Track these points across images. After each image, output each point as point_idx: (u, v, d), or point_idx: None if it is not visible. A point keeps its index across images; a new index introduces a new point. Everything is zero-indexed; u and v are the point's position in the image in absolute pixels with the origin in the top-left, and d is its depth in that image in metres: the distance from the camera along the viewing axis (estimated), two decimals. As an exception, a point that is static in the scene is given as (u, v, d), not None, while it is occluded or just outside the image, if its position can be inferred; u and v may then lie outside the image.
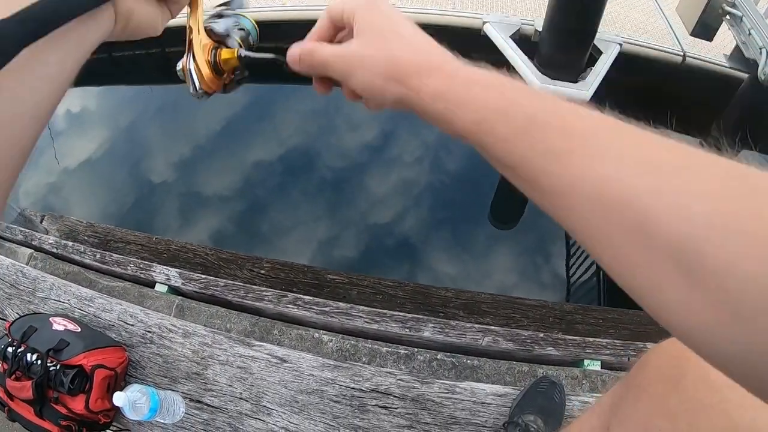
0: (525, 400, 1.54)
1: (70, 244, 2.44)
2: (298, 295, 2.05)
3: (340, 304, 1.99)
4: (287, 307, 2.02)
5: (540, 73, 3.57)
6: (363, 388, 1.63)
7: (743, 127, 4.08)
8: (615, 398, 0.83)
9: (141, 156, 4.98)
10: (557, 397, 1.54)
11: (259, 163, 4.68)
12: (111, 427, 1.70)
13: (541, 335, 1.90)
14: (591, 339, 1.89)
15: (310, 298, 2.03)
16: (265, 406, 1.65)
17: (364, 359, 1.84)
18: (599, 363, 1.86)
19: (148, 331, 1.83)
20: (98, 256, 2.35)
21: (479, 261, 3.97)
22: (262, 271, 2.55)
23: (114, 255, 2.35)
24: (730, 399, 0.63)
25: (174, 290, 2.22)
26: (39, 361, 1.52)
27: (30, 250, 2.42)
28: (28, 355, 1.54)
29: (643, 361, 0.78)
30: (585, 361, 1.87)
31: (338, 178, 4.48)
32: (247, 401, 1.66)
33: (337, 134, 4.82)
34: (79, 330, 1.69)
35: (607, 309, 2.29)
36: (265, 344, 1.74)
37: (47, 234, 2.70)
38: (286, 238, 4.25)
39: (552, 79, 3.48)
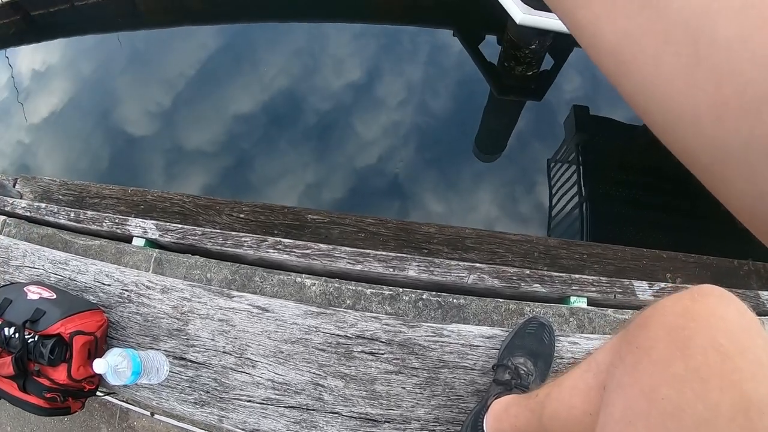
0: (514, 342, 1.44)
1: (44, 205, 2.27)
2: (279, 239, 1.92)
3: (322, 245, 1.86)
4: (268, 252, 1.89)
5: (522, 3, 3.34)
6: (348, 335, 1.53)
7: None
8: (613, 356, 0.72)
9: (114, 109, 4.65)
10: (546, 338, 1.45)
11: (239, 108, 4.41)
12: (98, 392, 1.61)
13: (527, 272, 1.80)
14: (577, 276, 1.80)
15: (291, 241, 1.90)
16: (249, 359, 1.55)
17: (348, 302, 1.73)
18: (585, 300, 1.77)
19: (126, 290, 1.71)
20: (72, 215, 2.20)
21: (463, 196, 3.86)
22: (242, 215, 2.41)
23: (89, 212, 2.20)
24: (743, 369, 0.55)
25: (152, 243, 2.08)
26: (17, 335, 1.41)
27: (2, 217, 2.25)
28: (6, 329, 1.43)
29: (643, 318, 0.67)
30: (571, 298, 1.78)
31: (322, 121, 4.26)
32: (231, 355, 1.56)
33: (320, 75, 4.55)
34: (55, 297, 1.57)
35: (591, 244, 2.19)
36: (245, 294, 1.63)
37: (21, 198, 2.52)
38: (271, 185, 4.08)
39: (535, 9, 3.26)
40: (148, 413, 1.79)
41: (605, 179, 3.71)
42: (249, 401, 1.52)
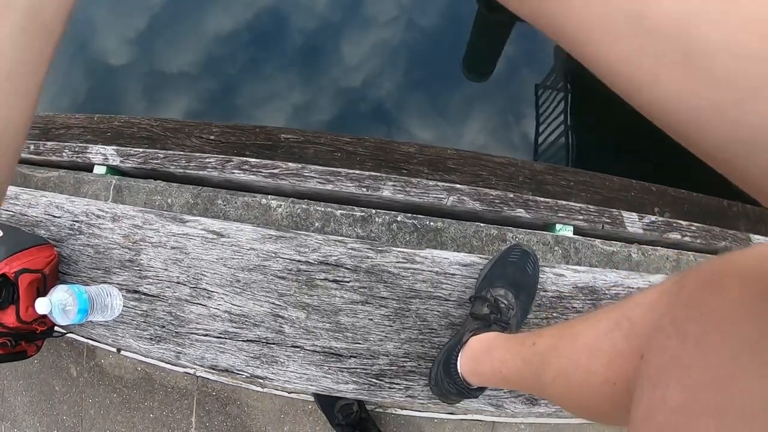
0: (494, 271, 1.23)
1: None
2: (245, 159, 1.67)
3: (291, 164, 1.63)
4: (233, 173, 1.66)
5: None
6: (310, 260, 1.31)
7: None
8: (660, 320, 0.50)
9: (86, 33, 4.22)
10: (530, 268, 1.23)
11: (220, 28, 4.03)
12: (54, 333, 1.43)
13: (511, 195, 1.59)
14: (563, 202, 1.60)
15: (258, 160, 1.66)
16: (204, 289, 1.35)
17: (316, 224, 1.51)
18: (572, 228, 1.57)
19: (76, 221, 1.49)
20: (32, 147, 1.96)
21: (449, 120, 3.60)
22: (212, 137, 2.14)
23: (49, 143, 1.94)
24: None
25: (114, 170, 1.85)
26: None
27: None
28: None
29: (710, 276, 0.46)
30: (557, 225, 1.57)
31: (306, 40, 3.90)
32: (185, 285, 1.36)
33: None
34: (1, 234, 1.35)
35: (578, 171, 1.96)
36: (199, 218, 1.41)
37: None
38: (254, 109, 3.77)
39: None
40: (115, 350, 1.65)
41: (593, 109, 3.47)
42: (206, 335, 1.33)
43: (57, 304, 1.21)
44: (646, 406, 0.46)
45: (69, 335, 1.56)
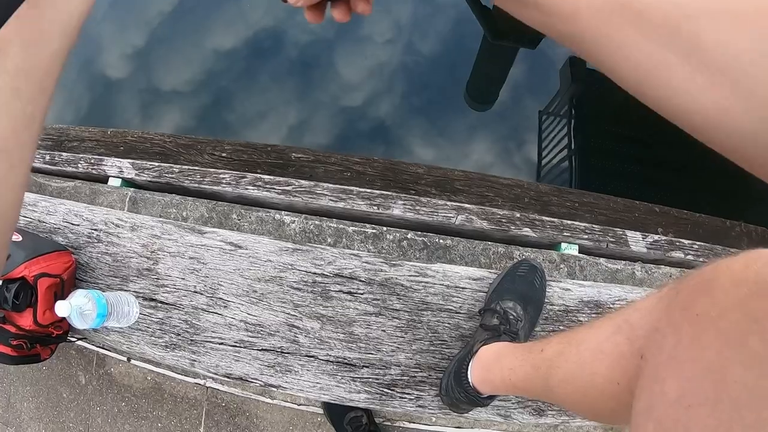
0: (503, 285, 1.31)
1: None
2: (258, 175, 1.75)
3: (303, 182, 1.71)
4: (247, 189, 1.74)
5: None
6: (326, 273, 1.38)
7: None
8: (658, 322, 0.57)
9: (92, 50, 4.33)
10: (538, 282, 1.31)
11: (221, 47, 4.13)
12: (70, 338, 1.49)
13: (518, 215, 1.67)
14: (569, 222, 1.67)
15: (271, 177, 1.75)
16: (221, 298, 1.41)
17: (329, 240, 1.59)
18: (577, 247, 1.64)
19: (95, 229, 1.55)
20: (48, 157, 2.04)
21: (451, 144, 3.69)
22: (224, 154, 2.23)
23: (64, 154, 2.03)
24: None
25: (128, 183, 1.92)
26: None
27: None
28: None
29: (704, 281, 0.52)
30: (562, 244, 1.65)
31: (306, 61, 4.01)
32: (202, 294, 1.42)
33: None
34: (21, 239, 1.42)
35: (583, 192, 2.04)
36: (217, 230, 1.48)
37: None
38: (252, 127, 3.85)
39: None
40: (125, 359, 1.70)
41: (598, 133, 3.56)
42: (221, 344, 1.39)
43: (76, 307, 1.27)
44: (646, 400, 0.52)
45: (79, 343, 1.61)
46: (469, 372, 1.13)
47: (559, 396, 0.82)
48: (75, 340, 1.53)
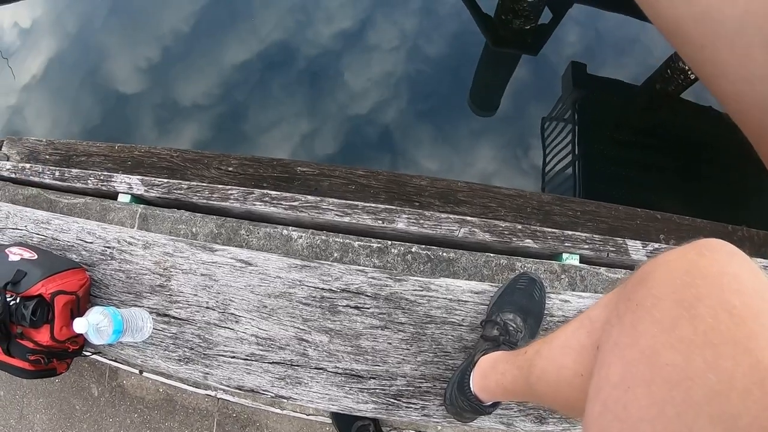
0: (503, 298, 1.37)
1: (28, 166, 2.17)
2: (266, 191, 1.82)
3: (309, 197, 1.78)
4: (254, 205, 1.80)
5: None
6: (333, 288, 1.45)
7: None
8: (609, 314, 0.64)
9: (103, 64, 4.39)
10: (537, 294, 1.37)
11: (231, 60, 4.22)
12: (84, 352, 1.55)
13: (519, 227, 1.73)
14: (570, 232, 1.73)
15: (278, 193, 1.81)
16: (232, 314, 1.48)
17: (335, 255, 1.66)
18: (578, 257, 1.71)
19: (108, 247, 1.63)
20: (57, 174, 2.10)
21: (455, 152, 3.75)
22: (230, 169, 2.31)
23: (74, 170, 2.10)
24: (758, 335, 0.46)
25: (137, 199, 1.99)
26: None
27: None
28: None
29: (644, 273, 0.58)
30: (563, 254, 1.71)
31: (314, 72, 4.08)
32: (214, 310, 1.49)
33: (312, 24, 4.34)
34: (36, 257, 1.49)
35: (585, 201, 2.11)
36: (228, 248, 1.55)
37: (8, 160, 2.40)
38: (261, 139, 3.93)
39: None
40: (137, 371, 1.75)
41: (600, 138, 3.61)
42: (233, 357, 1.46)
43: (93, 324, 1.33)
44: (595, 385, 0.58)
45: (92, 356, 1.68)
46: (471, 381, 1.19)
47: (538, 393, 0.88)
48: (90, 354, 1.60)
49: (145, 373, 1.74)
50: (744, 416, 0.43)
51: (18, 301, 1.35)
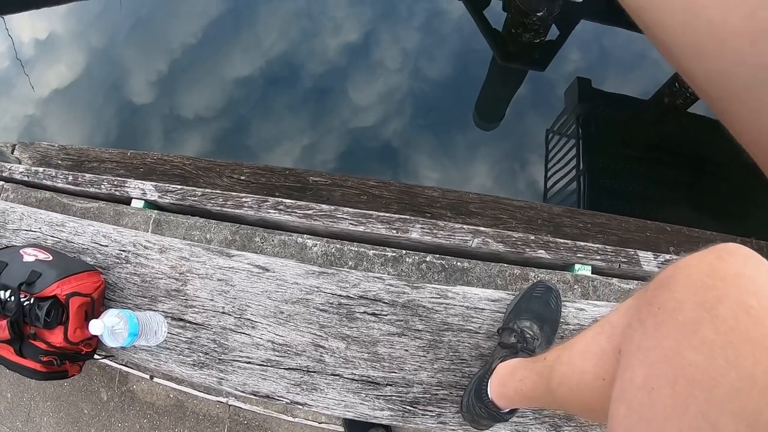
0: (520, 306, 1.40)
1: (41, 170, 2.19)
2: (280, 199, 1.85)
3: (324, 206, 1.80)
4: (269, 213, 1.83)
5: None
6: (350, 295, 1.47)
7: None
8: (630, 318, 0.66)
9: (117, 76, 4.47)
10: (553, 302, 1.40)
11: (240, 74, 4.28)
12: (96, 355, 1.56)
13: (532, 237, 1.76)
14: (582, 243, 1.76)
15: (292, 201, 1.84)
16: (249, 319, 1.50)
17: (350, 263, 1.68)
18: (590, 268, 1.73)
19: (123, 251, 1.64)
20: (71, 178, 2.13)
21: (459, 164, 3.79)
22: (243, 177, 2.33)
23: (87, 175, 2.12)
24: None
25: (151, 205, 2.01)
26: (12, 298, 1.35)
27: (0, 183, 2.16)
28: (1, 293, 1.36)
29: (665, 278, 0.61)
30: (576, 265, 1.74)
31: (319, 86, 4.14)
32: (230, 315, 1.51)
33: (318, 39, 4.40)
34: (51, 258, 1.50)
35: (595, 213, 2.14)
36: (245, 253, 1.57)
37: (20, 164, 2.43)
38: (268, 148, 3.98)
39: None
40: (148, 376, 1.76)
41: (605, 152, 3.66)
42: (248, 363, 1.48)
43: (109, 326, 1.34)
44: (619, 387, 0.60)
45: (102, 360, 1.68)
46: (488, 388, 1.21)
47: (558, 398, 0.90)
48: (101, 357, 1.61)
49: (155, 379, 1.75)
50: (765, 412, 0.45)
51: (32, 301, 1.36)
